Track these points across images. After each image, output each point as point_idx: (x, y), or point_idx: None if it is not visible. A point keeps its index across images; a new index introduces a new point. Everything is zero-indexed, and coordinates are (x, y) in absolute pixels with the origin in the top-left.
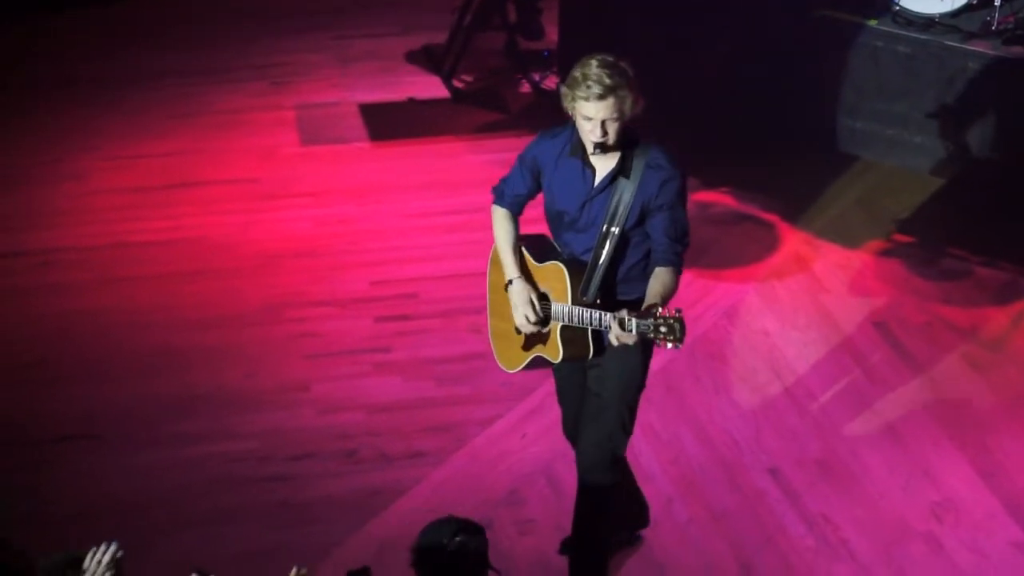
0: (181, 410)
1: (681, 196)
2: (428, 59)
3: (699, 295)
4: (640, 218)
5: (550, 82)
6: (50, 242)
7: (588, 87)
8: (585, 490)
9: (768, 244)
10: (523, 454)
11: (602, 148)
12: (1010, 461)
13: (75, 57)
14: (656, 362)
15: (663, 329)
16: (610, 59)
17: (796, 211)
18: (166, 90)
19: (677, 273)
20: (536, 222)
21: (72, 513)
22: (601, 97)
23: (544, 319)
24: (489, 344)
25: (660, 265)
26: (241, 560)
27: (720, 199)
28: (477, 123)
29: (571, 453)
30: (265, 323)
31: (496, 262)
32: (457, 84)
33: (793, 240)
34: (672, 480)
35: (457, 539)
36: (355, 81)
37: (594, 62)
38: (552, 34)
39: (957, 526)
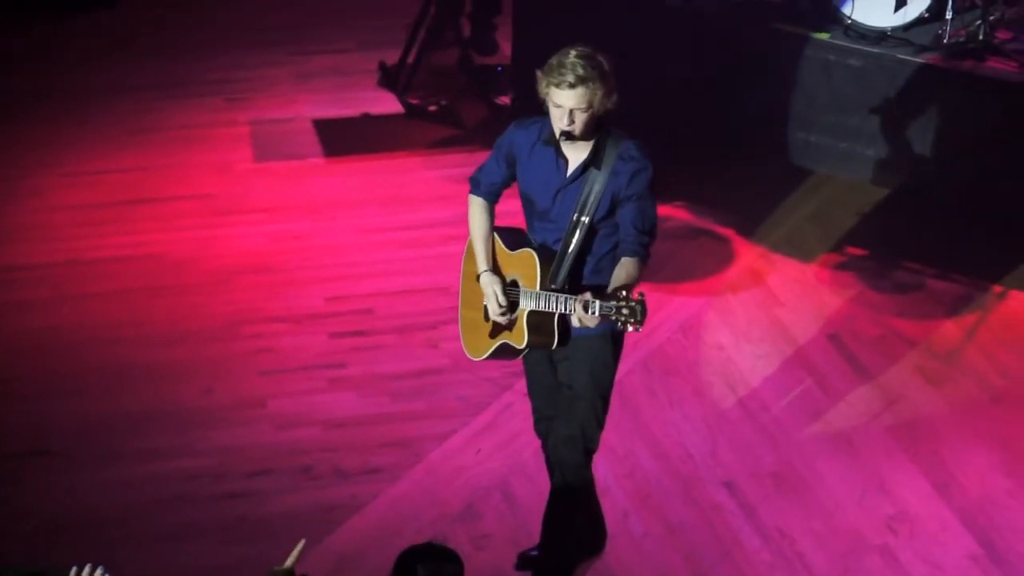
0: (140, 427)
1: (651, 188)
2: (382, 75)
3: (654, 309)
4: (610, 209)
5: (504, 98)
6: (9, 259)
7: (561, 74)
8: (557, 487)
9: (723, 258)
10: (479, 469)
11: (568, 136)
12: (964, 473)
13: (33, 72)
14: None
15: (625, 311)
16: (589, 51)
17: (751, 225)
18: (123, 105)
19: (643, 264)
20: (514, 215)
21: (31, 529)
22: (572, 86)
23: (512, 306)
24: (446, 358)
25: (626, 255)
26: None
27: (675, 213)
28: (431, 138)
29: (526, 467)
30: (222, 339)
31: (471, 253)
32: (411, 100)
33: (748, 254)
34: (628, 494)
35: (429, 567)
36: (310, 97)
37: (573, 52)
38: (506, 49)
39: (912, 538)
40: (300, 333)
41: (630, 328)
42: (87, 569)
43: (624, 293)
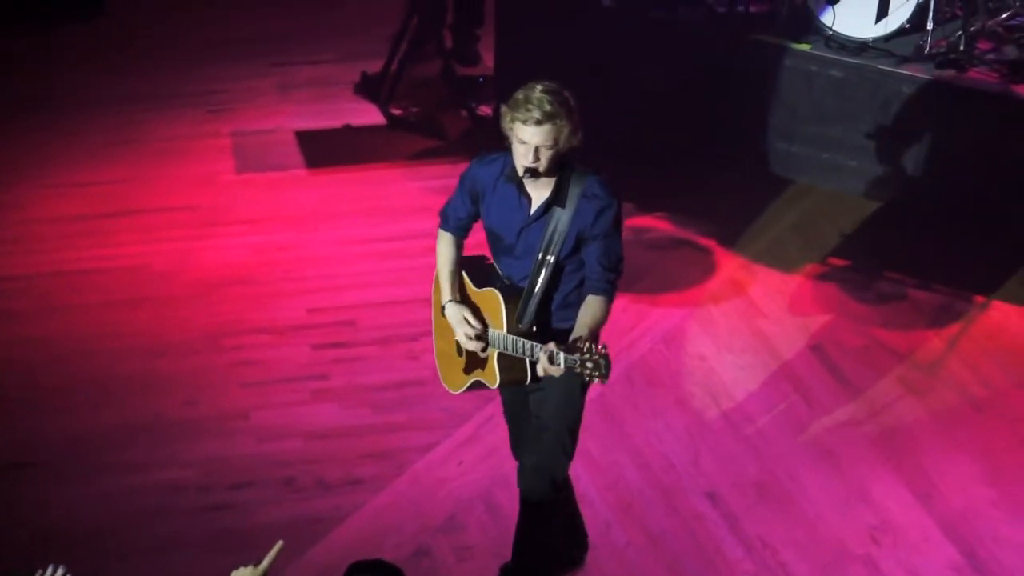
0: (122, 438)
1: (616, 225)
2: (364, 86)
3: (635, 320)
4: (575, 247)
5: (486, 108)
6: None
7: (528, 110)
8: (525, 511)
9: (705, 269)
10: (462, 480)
11: (532, 174)
12: (946, 483)
13: (16, 83)
14: (594, 387)
15: (589, 365)
16: (555, 87)
17: (732, 236)
18: (106, 117)
19: (609, 301)
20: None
21: (13, 541)
22: (539, 123)
23: (483, 335)
24: (428, 369)
25: (592, 293)
26: None
27: (656, 224)
28: (414, 149)
29: (509, 479)
30: (204, 351)
31: (439, 284)
32: (393, 111)
33: (729, 265)
34: (610, 504)
35: None
36: (292, 108)
37: (539, 87)
38: (488, 60)
39: (894, 548)
40: (282, 345)
41: (595, 381)
42: (49, 570)
43: (588, 346)
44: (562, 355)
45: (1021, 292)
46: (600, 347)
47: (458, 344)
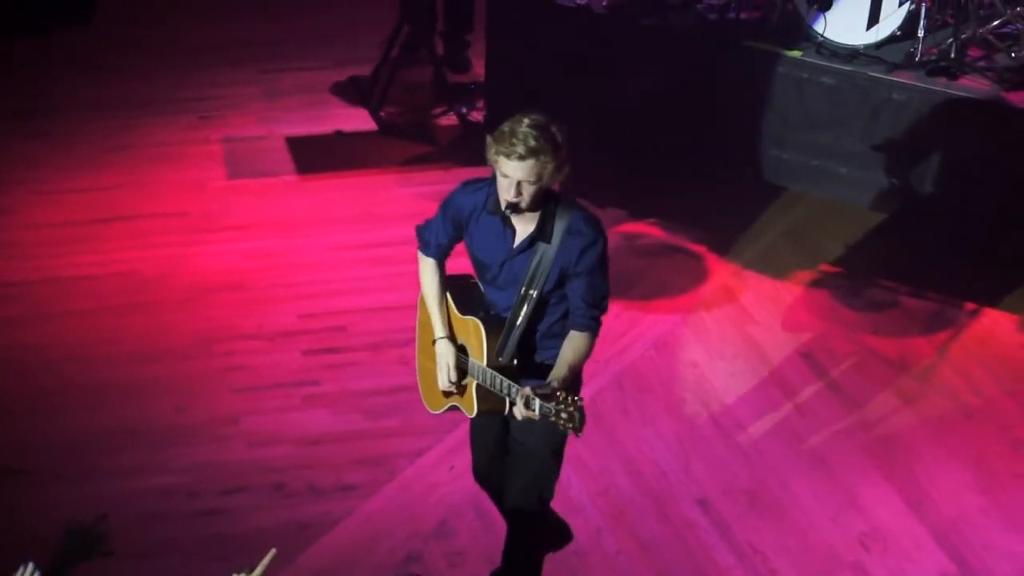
0: (113, 444)
1: (601, 262)
2: (355, 92)
3: (627, 326)
4: (559, 282)
5: (477, 115)
6: None
7: (512, 145)
8: (514, 533)
9: (696, 275)
10: (453, 486)
11: (513, 209)
12: (937, 491)
13: (6, 90)
14: (584, 393)
15: (563, 416)
16: (543, 121)
17: (724, 242)
18: (97, 123)
19: (593, 338)
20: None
21: (4, 544)
22: (522, 158)
23: (462, 373)
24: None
25: (575, 329)
26: None
27: (648, 230)
28: (405, 156)
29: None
30: (195, 357)
31: (424, 302)
32: (384, 117)
33: (721, 271)
34: (601, 511)
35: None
36: (282, 114)
37: (526, 120)
38: (479, 67)
39: (885, 556)
40: (273, 350)
41: (568, 432)
42: (20, 570)
43: (563, 396)
44: (537, 402)
45: (1012, 299)
46: (576, 399)
47: None
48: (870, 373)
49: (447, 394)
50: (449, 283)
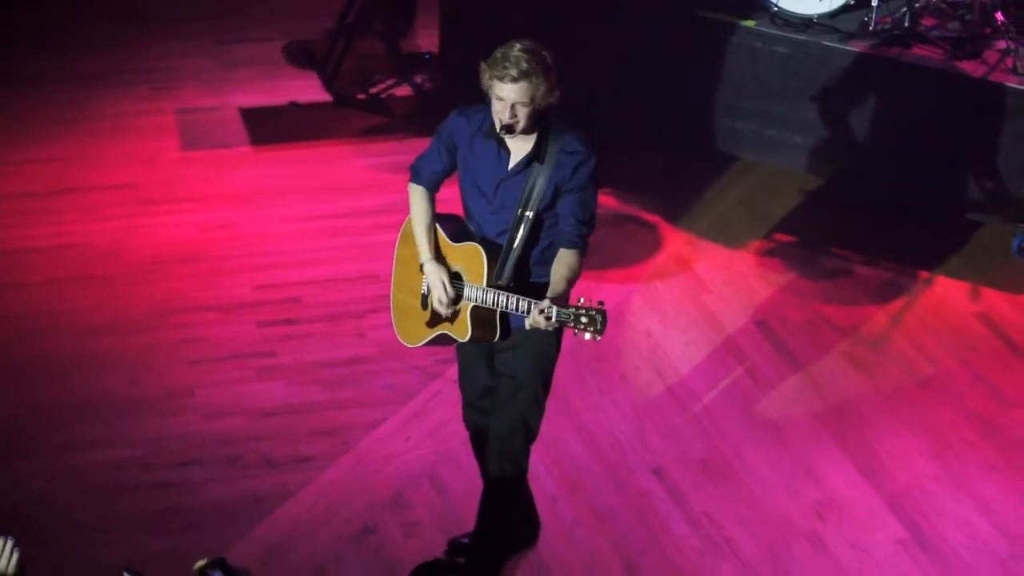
0: (67, 418)
1: (593, 179)
2: (310, 63)
3: (581, 295)
4: (554, 200)
5: (432, 84)
6: None
7: (504, 68)
8: (494, 476)
9: (650, 245)
10: (408, 457)
11: (508, 130)
12: (891, 459)
13: None
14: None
15: (584, 320)
16: (533, 45)
17: (678, 212)
18: (47, 95)
19: (582, 255)
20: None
21: None
22: (515, 80)
23: (456, 298)
24: (375, 346)
25: (565, 247)
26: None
27: (602, 200)
28: (360, 127)
29: (455, 455)
30: (149, 329)
31: (407, 236)
32: (339, 87)
33: (675, 241)
34: (556, 480)
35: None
36: (237, 85)
37: (518, 45)
38: (433, 37)
39: (840, 524)
40: (228, 322)
41: (587, 337)
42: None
43: (583, 300)
44: (555, 309)
45: (964, 268)
46: (596, 302)
47: (424, 297)
48: (824, 342)
49: (433, 323)
50: (439, 218)
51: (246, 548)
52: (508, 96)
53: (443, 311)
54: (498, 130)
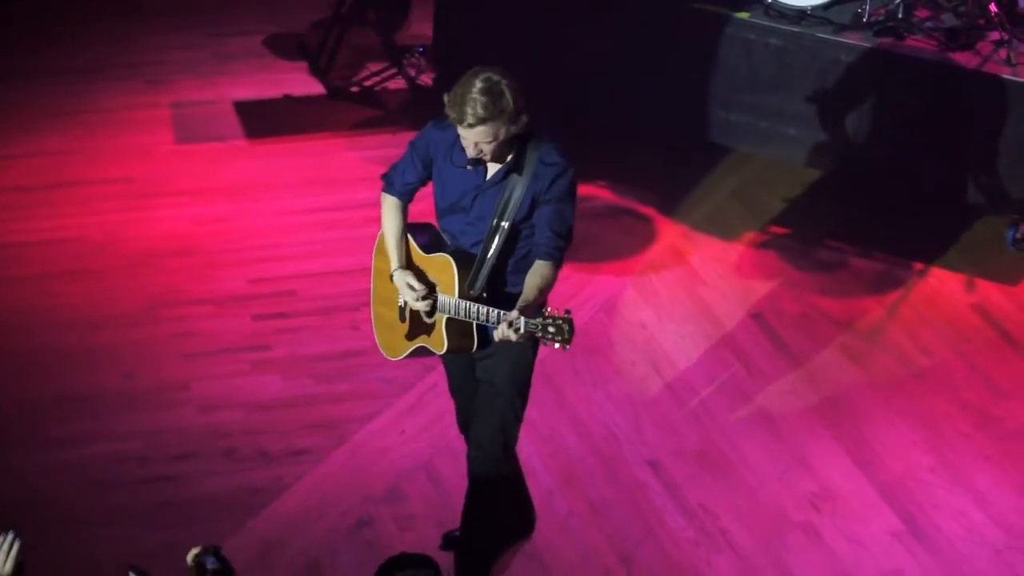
0: (61, 412)
1: (571, 191)
2: (304, 56)
3: (576, 289)
4: (531, 211)
5: (425, 77)
6: None
7: (462, 113)
8: (477, 481)
9: (645, 238)
10: (403, 450)
11: (478, 163)
12: (886, 450)
13: None
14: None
15: (551, 329)
16: (492, 83)
17: (672, 204)
18: (41, 88)
19: (556, 267)
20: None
21: None
22: (472, 126)
23: (430, 295)
24: (369, 339)
25: (541, 258)
26: (125, 560)
27: (596, 193)
28: (354, 119)
29: (451, 448)
30: (144, 323)
31: (382, 250)
32: (333, 81)
33: (670, 233)
34: (552, 473)
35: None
36: (231, 78)
37: (477, 84)
38: (427, 29)
39: (835, 515)
40: (223, 316)
41: (556, 346)
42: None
43: (550, 310)
44: (523, 320)
45: (959, 259)
46: (563, 311)
47: (401, 309)
48: (819, 333)
49: (412, 336)
50: (411, 229)
51: (242, 541)
52: (469, 137)
53: (422, 307)
54: (468, 161)
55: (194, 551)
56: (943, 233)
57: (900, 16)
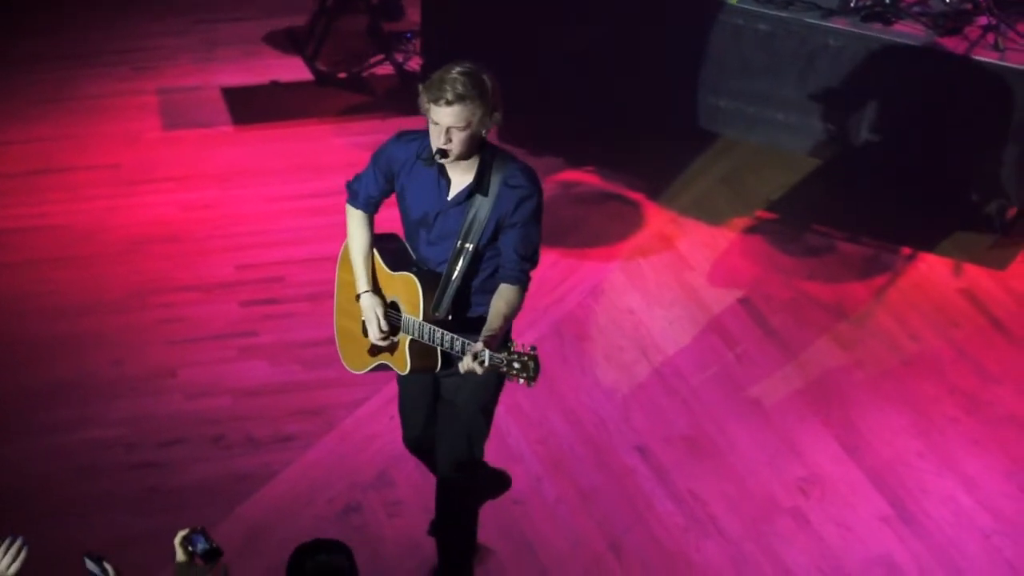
0: (48, 398)
1: (536, 215)
2: (291, 42)
3: (564, 274)
4: (495, 235)
5: (413, 63)
6: None
7: (440, 91)
8: (446, 492)
9: (633, 223)
10: (391, 436)
11: (443, 155)
12: (874, 435)
13: None
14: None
15: (516, 365)
16: (473, 69)
17: (660, 190)
18: (27, 75)
19: (523, 291)
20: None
21: None
22: (449, 103)
23: (393, 329)
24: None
25: (506, 282)
26: (112, 547)
27: (584, 178)
28: (341, 105)
29: None
30: (131, 309)
31: (346, 260)
32: (321, 67)
33: (658, 219)
34: (540, 459)
35: (319, 559)
36: (218, 65)
37: (456, 68)
38: (415, 15)
39: (823, 501)
40: (210, 302)
41: (520, 382)
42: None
43: (515, 344)
44: (487, 353)
45: (947, 244)
46: (530, 348)
47: (364, 323)
48: (807, 319)
49: (374, 352)
50: (377, 242)
51: (229, 527)
52: (443, 120)
53: (379, 343)
54: (434, 156)
55: (181, 533)
56: (931, 218)
57: (888, 1)
